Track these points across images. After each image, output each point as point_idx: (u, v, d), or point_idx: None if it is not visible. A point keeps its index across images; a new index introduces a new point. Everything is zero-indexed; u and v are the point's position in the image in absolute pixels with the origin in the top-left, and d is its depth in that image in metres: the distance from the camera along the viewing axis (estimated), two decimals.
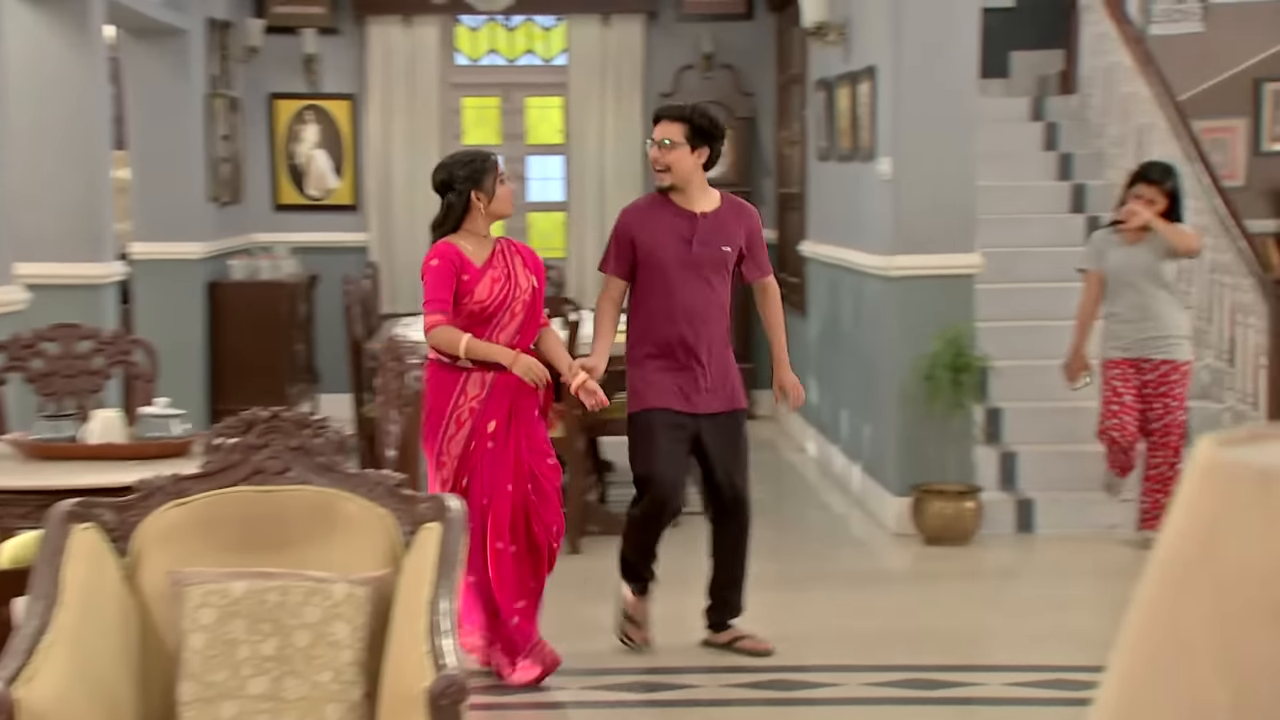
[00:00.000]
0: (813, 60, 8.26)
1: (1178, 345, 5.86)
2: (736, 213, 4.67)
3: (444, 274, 4.34)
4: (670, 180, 4.57)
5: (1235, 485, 0.56)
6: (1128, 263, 5.89)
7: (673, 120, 4.55)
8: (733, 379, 4.68)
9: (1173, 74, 8.30)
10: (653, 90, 9.71)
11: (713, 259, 4.57)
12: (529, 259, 4.51)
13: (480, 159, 4.41)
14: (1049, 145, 8.43)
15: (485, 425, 4.40)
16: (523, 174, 9.96)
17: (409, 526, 2.92)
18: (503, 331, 4.40)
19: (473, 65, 9.90)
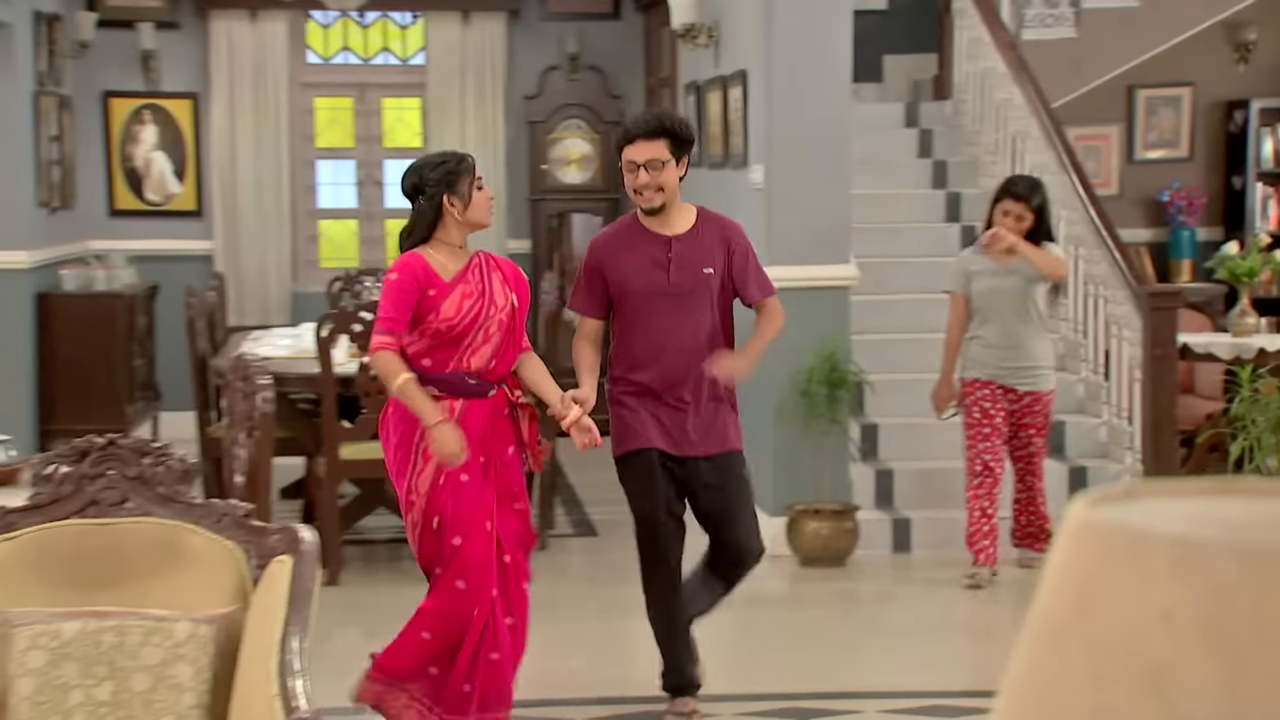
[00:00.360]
0: (682, 63, 8.33)
1: (1043, 376, 5.87)
2: (716, 230, 4.38)
3: (403, 290, 4.03)
4: (662, 200, 4.27)
5: (1108, 547, 0.57)
6: (995, 287, 5.84)
7: (652, 137, 4.25)
8: (724, 418, 4.37)
9: (1046, 80, 8.53)
10: (515, 92, 9.70)
11: (694, 285, 4.29)
12: (510, 274, 4.20)
13: (454, 160, 4.13)
14: (923, 152, 8.59)
15: None
16: (380, 179, 9.87)
17: (258, 560, 2.87)
18: (475, 354, 4.10)
19: (325, 64, 9.79)
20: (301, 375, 6.06)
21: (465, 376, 4.10)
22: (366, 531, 6.85)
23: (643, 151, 4.25)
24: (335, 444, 5.83)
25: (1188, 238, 9.46)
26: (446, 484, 4.06)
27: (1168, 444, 6.38)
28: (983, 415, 5.86)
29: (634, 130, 4.30)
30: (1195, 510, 0.62)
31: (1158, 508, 0.62)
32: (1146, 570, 0.55)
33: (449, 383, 4.09)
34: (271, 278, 9.54)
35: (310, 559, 2.83)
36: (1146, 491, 0.64)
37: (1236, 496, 0.63)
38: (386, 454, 4.17)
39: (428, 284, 4.03)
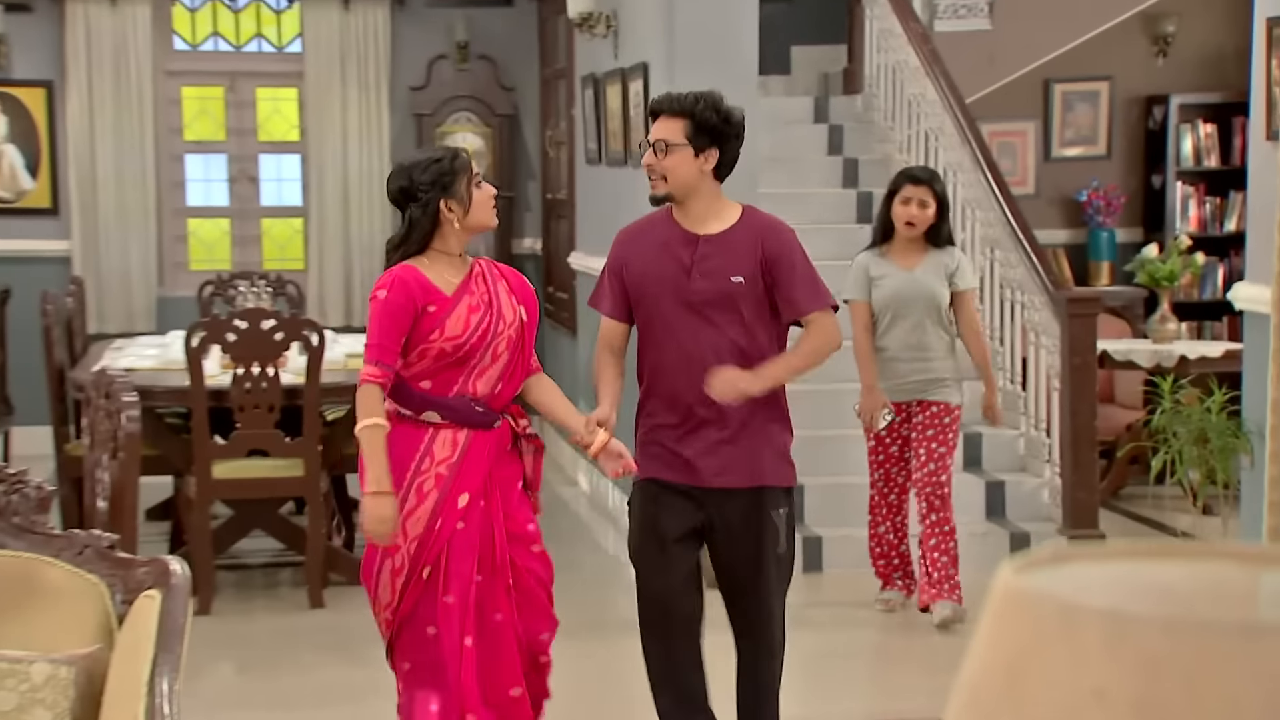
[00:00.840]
0: (580, 54, 8.33)
1: (952, 388, 5.63)
2: (754, 233, 3.91)
3: (393, 311, 3.73)
4: (665, 189, 3.90)
5: (1037, 621, 0.58)
6: (900, 292, 5.58)
7: (672, 115, 3.89)
8: (760, 448, 3.89)
9: (960, 74, 8.65)
10: (401, 83, 9.64)
11: (718, 295, 3.87)
12: (516, 284, 3.91)
13: (449, 158, 3.83)
14: (833, 149, 8.67)
15: (455, 498, 3.80)
16: (254, 175, 9.76)
17: (124, 595, 2.82)
18: (481, 377, 3.81)
19: (193, 51, 9.65)
20: (170, 388, 5.97)
21: (472, 403, 3.81)
22: (242, 556, 6.76)
23: (657, 129, 3.92)
24: (207, 462, 5.75)
25: (1106, 239, 9.64)
26: (443, 529, 3.77)
27: (1087, 456, 6.50)
28: (878, 443, 5.72)
29: (655, 105, 3.99)
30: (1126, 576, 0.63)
31: (1087, 574, 0.63)
32: (1077, 646, 0.56)
33: (454, 409, 3.80)
34: (136, 281, 9.38)
35: (181, 593, 2.79)
36: (1075, 556, 0.66)
37: (1168, 559, 0.65)
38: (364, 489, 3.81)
39: (426, 299, 3.75)
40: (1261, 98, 5.06)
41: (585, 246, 8.44)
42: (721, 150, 3.90)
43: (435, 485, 3.78)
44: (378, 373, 3.74)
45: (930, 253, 5.64)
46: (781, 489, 3.94)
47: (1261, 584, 0.65)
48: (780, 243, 3.91)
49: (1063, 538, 6.54)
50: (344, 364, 6.50)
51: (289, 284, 8.33)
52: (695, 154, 3.87)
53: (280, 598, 6.27)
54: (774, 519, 3.91)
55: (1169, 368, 7.43)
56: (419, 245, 3.82)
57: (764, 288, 3.89)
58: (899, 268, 5.62)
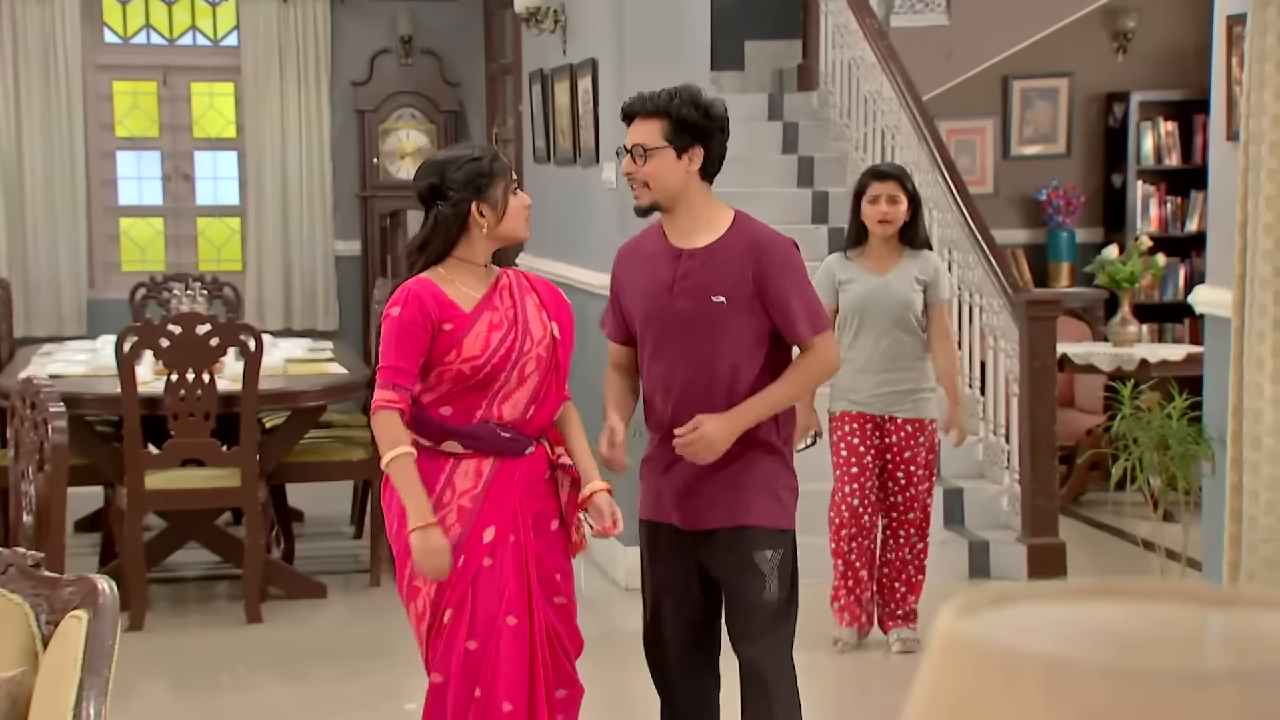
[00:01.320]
0: (527, 49, 8.31)
1: (925, 401, 5.37)
2: (744, 248, 3.64)
3: (408, 330, 3.49)
4: (650, 198, 3.66)
5: (979, 667, 0.58)
6: (870, 297, 5.33)
7: (647, 116, 3.67)
8: (746, 485, 3.65)
9: (917, 70, 8.69)
10: (342, 78, 9.60)
11: (699, 316, 3.65)
12: (549, 297, 3.66)
13: (488, 158, 3.58)
14: (788, 147, 8.69)
15: (480, 533, 3.56)
16: (189, 172, 9.69)
17: (49, 615, 2.79)
18: (508, 400, 3.57)
19: (124, 44, 9.58)
20: (100, 396, 5.92)
21: (497, 429, 3.57)
22: (177, 569, 6.71)
23: (633, 134, 3.69)
24: (139, 472, 5.70)
25: (1066, 239, 9.71)
26: (467, 567, 3.53)
27: (1047, 462, 6.54)
28: (850, 453, 5.36)
29: (629, 105, 3.74)
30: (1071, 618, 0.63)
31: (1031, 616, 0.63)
32: (1018, 695, 0.56)
33: (477, 437, 3.56)
34: (65, 283, 9.30)
35: (109, 613, 2.76)
36: (1018, 596, 0.65)
37: (1114, 600, 0.65)
38: (390, 522, 3.60)
39: (442, 316, 3.51)
40: (1222, 97, 5.11)
41: (534, 248, 8.42)
42: (706, 147, 3.67)
43: (458, 519, 3.53)
44: (395, 397, 3.48)
45: (905, 257, 5.37)
46: (769, 529, 3.65)
47: (1209, 627, 0.65)
48: (775, 259, 3.64)
49: (1022, 545, 6.58)
50: (283, 369, 6.47)
51: (225, 286, 8.28)
52: (678, 155, 3.65)
53: (216, 613, 6.22)
54: (758, 562, 3.64)
55: (1130, 371, 7.49)
56: (442, 251, 3.56)
57: (759, 306, 3.64)
58: (869, 272, 5.37)
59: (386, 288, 7.79)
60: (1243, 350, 4.74)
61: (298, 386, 6.21)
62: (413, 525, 3.44)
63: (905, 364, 5.35)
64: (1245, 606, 0.64)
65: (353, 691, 5.23)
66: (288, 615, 6.01)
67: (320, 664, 5.51)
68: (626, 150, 3.70)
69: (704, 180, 3.70)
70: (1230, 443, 4.81)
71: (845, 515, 5.38)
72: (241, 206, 9.69)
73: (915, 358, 5.37)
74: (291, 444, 6.21)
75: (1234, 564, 4.85)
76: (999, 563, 6.61)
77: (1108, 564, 6.80)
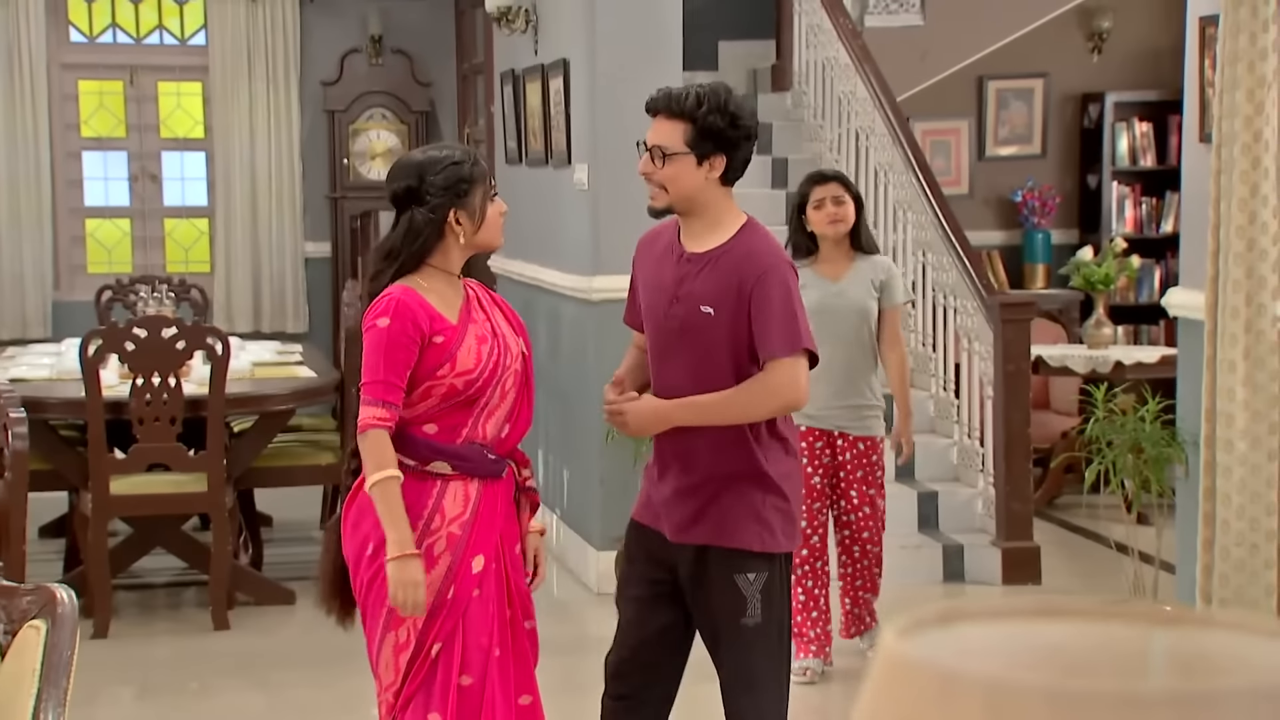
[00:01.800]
0: (499, 49, 8.30)
1: (877, 418, 5.28)
2: (739, 259, 3.53)
3: (400, 342, 3.36)
4: (666, 201, 3.56)
5: (919, 690, 0.58)
6: (826, 306, 5.14)
7: (671, 117, 3.52)
8: (730, 504, 3.55)
9: (891, 71, 8.70)
10: (313, 77, 9.58)
11: (689, 324, 3.56)
12: (509, 313, 3.61)
13: (468, 163, 3.46)
14: (761, 149, 8.68)
15: (470, 563, 3.45)
16: (156, 173, 9.65)
17: (7, 625, 2.78)
18: (490, 419, 3.48)
19: (90, 43, 9.54)
20: (64, 400, 5.89)
21: (484, 450, 3.49)
22: (145, 575, 6.69)
23: (654, 132, 3.56)
24: (104, 477, 5.68)
25: (1042, 240, 9.75)
26: (458, 598, 3.41)
27: (1021, 466, 6.57)
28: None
29: (654, 102, 3.59)
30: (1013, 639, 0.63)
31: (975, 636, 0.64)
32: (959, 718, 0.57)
33: (465, 458, 3.47)
34: (29, 285, 9.25)
35: (68, 623, 2.75)
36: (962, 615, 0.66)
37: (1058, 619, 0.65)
38: (352, 548, 3.46)
39: (433, 329, 3.38)
40: (1195, 99, 5.14)
41: (507, 250, 8.39)
42: (730, 156, 3.52)
43: (448, 547, 3.42)
44: (386, 415, 3.35)
45: (857, 262, 5.24)
46: (751, 553, 3.55)
47: (1153, 646, 0.65)
48: (758, 276, 3.50)
49: (997, 549, 6.60)
50: (250, 373, 6.45)
51: (193, 288, 8.25)
52: (698, 162, 3.50)
53: (183, 619, 6.19)
54: (739, 585, 3.54)
55: (1104, 374, 7.52)
56: (417, 259, 3.42)
57: (744, 324, 3.52)
58: (824, 278, 5.20)
59: (356, 290, 7.77)
60: (1215, 353, 4.76)
61: (265, 390, 6.19)
62: (393, 554, 3.32)
63: (860, 377, 5.21)
64: (1190, 626, 0.65)
65: (321, 699, 5.22)
66: (256, 622, 5.99)
67: (288, 671, 5.49)
68: (646, 147, 3.57)
69: (724, 185, 3.57)
70: (1203, 446, 4.83)
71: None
72: (210, 208, 9.66)
73: (869, 371, 5.25)
74: (259, 448, 6.19)
75: (1207, 568, 4.88)
76: (973, 567, 6.63)
77: (1082, 568, 6.82)
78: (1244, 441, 4.73)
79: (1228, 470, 4.77)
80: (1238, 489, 4.75)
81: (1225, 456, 4.78)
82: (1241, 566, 4.76)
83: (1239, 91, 4.64)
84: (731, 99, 3.55)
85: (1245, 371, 4.71)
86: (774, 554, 3.60)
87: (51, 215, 9.33)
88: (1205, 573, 4.89)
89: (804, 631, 5.30)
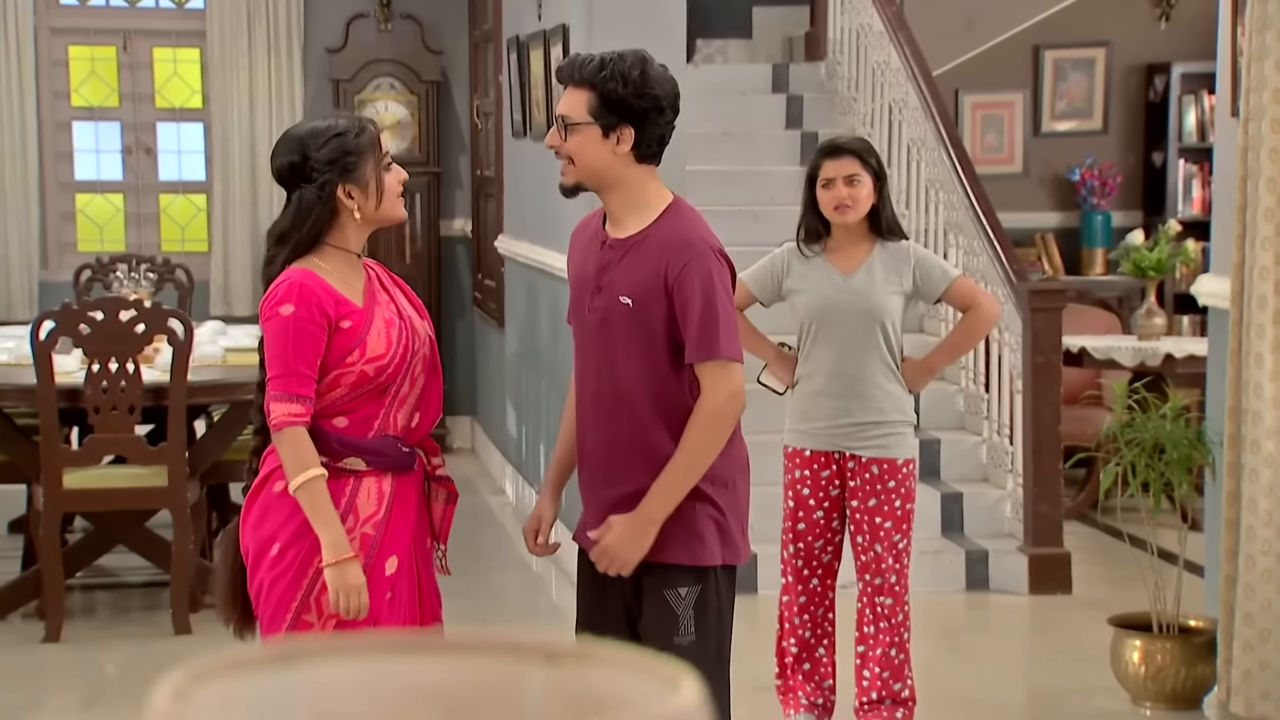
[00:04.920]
0: (507, 14, 8.28)
1: (897, 437, 4.63)
2: (660, 246, 3.47)
3: (307, 329, 3.33)
4: (574, 177, 3.52)
5: None
6: (834, 300, 4.61)
7: (576, 85, 3.48)
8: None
9: (937, 39, 8.61)
10: (317, 44, 9.58)
11: (613, 318, 3.50)
12: (408, 292, 3.59)
13: (352, 132, 3.41)
14: (792, 123, 8.62)
15: (383, 565, 3.43)
16: (151, 145, 9.69)
17: None
18: (401, 408, 3.47)
19: (80, 6, 9.59)
20: (18, 387, 5.91)
21: (397, 442, 3.47)
22: (118, 574, 6.71)
23: (562, 101, 3.52)
24: (57, 471, 5.69)
25: (1101, 222, 9.62)
26: (371, 604, 3.38)
27: (1051, 466, 6.46)
28: (798, 505, 4.69)
29: (560, 70, 3.57)
30: (379, 680, 0.58)
31: (329, 679, 0.58)
32: None
33: (379, 452, 3.44)
34: (15, 264, 9.32)
35: None
36: (310, 653, 0.60)
37: (431, 655, 0.60)
38: (253, 547, 3.42)
39: (339, 313, 3.35)
40: (1227, 70, 5.02)
41: (512, 229, 8.40)
42: (639, 129, 3.45)
43: (361, 549, 3.38)
44: (300, 410, 3.32)
45: (876, 251, 4.63)
46: (682, 567, 3.50)
47: (530, 686, 0.59)
48: (689, 264, 3.43)
49: (1023, 555, 6.50)
50: (222, 359, 6.44)
51: (178, 269, 8.26)
52: (604, 134, 3.44)
53: (143, 623, 6.20)
54: (670, 601, 3.50)
55: (1154, 367, 7.39)
56: (310, 240, 3.40)
57: (668, 316, 3.45)
58: (833, 269, 4.63)
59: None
60: (1240, 346, 4.65)
61: (235, 378, 6.17)
62: (329, 560, 3.30)
63: (871, 389, 4.60)
64: (570, 663, 0.59)
65: None
66: (219, 625, 5.97)
67: None
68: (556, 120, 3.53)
69: (643, 163, 3.50)
70: (1227, 446, 4.72)
71: (789, 579, 4.73)
72: (208, 183, 9.69)
73: (885, 380, 4.61)
74: (229, 440, 6.18)
75: (1230, 578, 4.77)
76: (998, 574, 6.55)
77: (1119, 575, 6.70)
78: (1272, 441, 4.62)
79: (1254, 473, 4.66)
80: (1265, 493, 4.64)
81: (1252, 458, 4.67)
82: (1269, 577, 4.65)
83: (1268, 61, 4.52)
84: (643, 67, 3.46)
85: (1274, 366, 4.60)
86: (706, 567, 3.54)
87: (39, 190, 9.39)
88: (1228, 584, 4.78)
89: (794, 687, 4.78)
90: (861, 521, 4.63)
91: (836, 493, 4.67)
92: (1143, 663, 5.10)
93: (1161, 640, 5.08)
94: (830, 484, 4.66)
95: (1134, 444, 4.96)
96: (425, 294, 9.25)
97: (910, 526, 4.67)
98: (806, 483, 4.67)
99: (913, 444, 4.69)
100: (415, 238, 9.60)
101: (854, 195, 4.57)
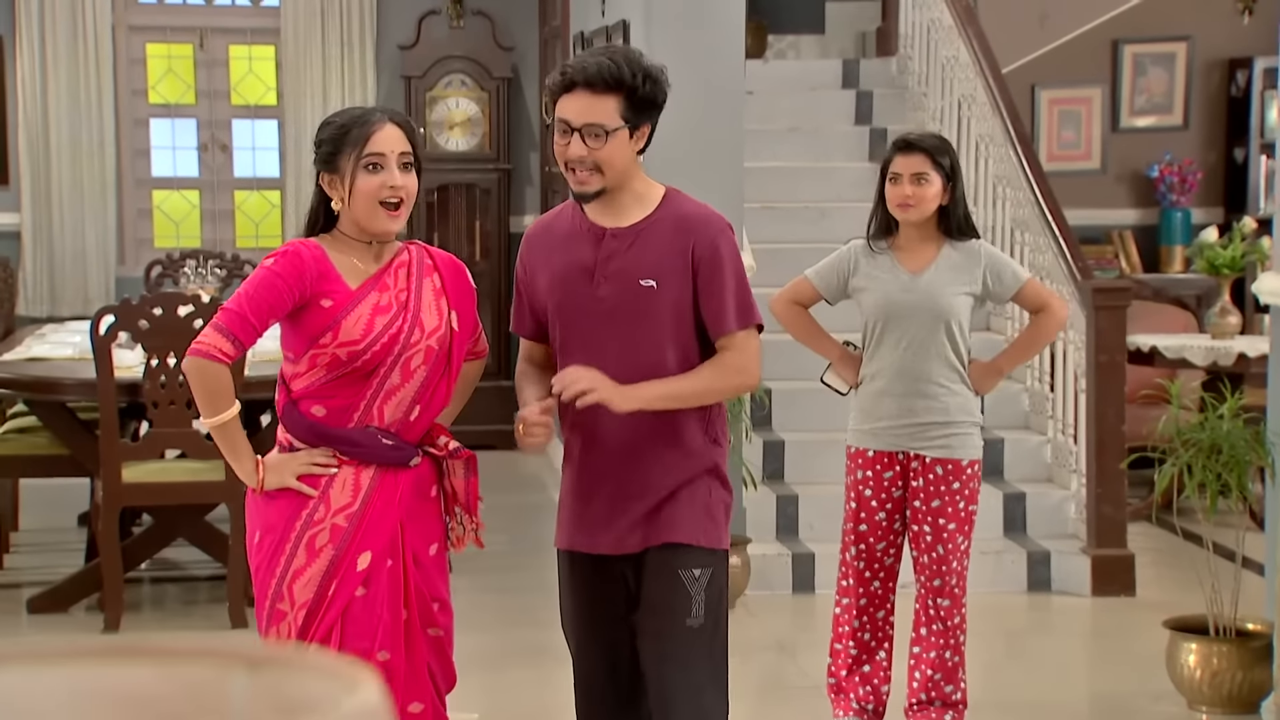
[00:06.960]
0: (574, 10, 8.29)
1: (962, 438, 4.60)
2: (681, 226, 3.50)
3: (274, 285, 3.34)
4: (601, 184, 3.47)
5: None
6: (900, 299, 4.58)
7: (600, 90, 3.43)
8: (675, 499, 3.53)
9: (1011, 33, 8.52)
10: (389, 41, 9.65)
11: (625, 304, 3.50)
12: (451, 280, 3.50)
13: (351, 124, 3.40)
14: (861, 119, 8.58)
15: (354, 559, 3.40)
16: (226, 142, 9.79)
17: None
18: (389, 401, 3.41)
19: (158, 4, 9.72)
20: (80, 381, 5.98)
21: (379, 435, 3.42)
22: (186, 566, 6.79)
23: (582, 109, 3.43)
24: (115, 464, 5.76)
25: (1180, 220, 9.48)
26: (338, 596, 3.37)
27: (1114, 466, 6.38)
28: (860, 506, 4.68)
29: (572, 74, 3.46)
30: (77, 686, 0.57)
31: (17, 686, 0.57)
32: None
33: (355, 443, 3.41)
34: (92, 260, 9.45)
35: None
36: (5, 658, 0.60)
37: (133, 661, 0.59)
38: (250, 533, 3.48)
39: (320, 288, 3.35)
40: None
41: None
42: (654, 125, 3.53)
43: (330, 540, 3.37)
44: (230, 350, 3.38)
45: (945, 250, 4.59)
46: (697, 548, 3.53)
47: (235, 690, 0.58)
48: (714, 241, 3.49)
49: (1086, 556, 6.42)
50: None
51: (247, 264, 8.33)
52: (631, 134, 3.46)
53: (201, 616, 6.27)
54: (684, 581, 3.52)
55: (1226, 367, 7.28)
56: (315, 223, 3.46)
57: (690, 295, 3.50)
58: (900, 267, 4.60)
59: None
60: None
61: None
62: (255, 488, 3.40)
63: (939, 388, 4.57)
64: (276, 668, 0.58)
65: None
66: None
67: None
68: (571, 128, 3.43)
69: (640, 154, 3.56)
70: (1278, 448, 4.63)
71: (850, 582, 4.72)
72: (281, 179, 9.78)
73: (951, 380, 4.58)
74: None
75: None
76: (1060, 575, 6.47)
77: (1183, 578, 6.59)
78: None
79: None
80: None
81: None
82: None
83: None
84: (648, 64, 3.50)
85: None
86: (719, 551, 3.60)
87: (116, 186, 9.52)
88: None
89: (846, 689, 4.77)
90: (924, 522, 4.61)
91: (899, 494, 4.65)
92: (1199, 666, 5.02)
93: (1218, 644, 5.00)
94: (893, 485, 4.65)
95: (1190, 444, 4.88)
96: (495, 290, 9.29)
97: (972, 529, 4.66)
98: (869, 484, 4.66)
99: (978, 445, 4.65)
100: (486, 234, 9.64)
101: (919, 194, 4.54)
